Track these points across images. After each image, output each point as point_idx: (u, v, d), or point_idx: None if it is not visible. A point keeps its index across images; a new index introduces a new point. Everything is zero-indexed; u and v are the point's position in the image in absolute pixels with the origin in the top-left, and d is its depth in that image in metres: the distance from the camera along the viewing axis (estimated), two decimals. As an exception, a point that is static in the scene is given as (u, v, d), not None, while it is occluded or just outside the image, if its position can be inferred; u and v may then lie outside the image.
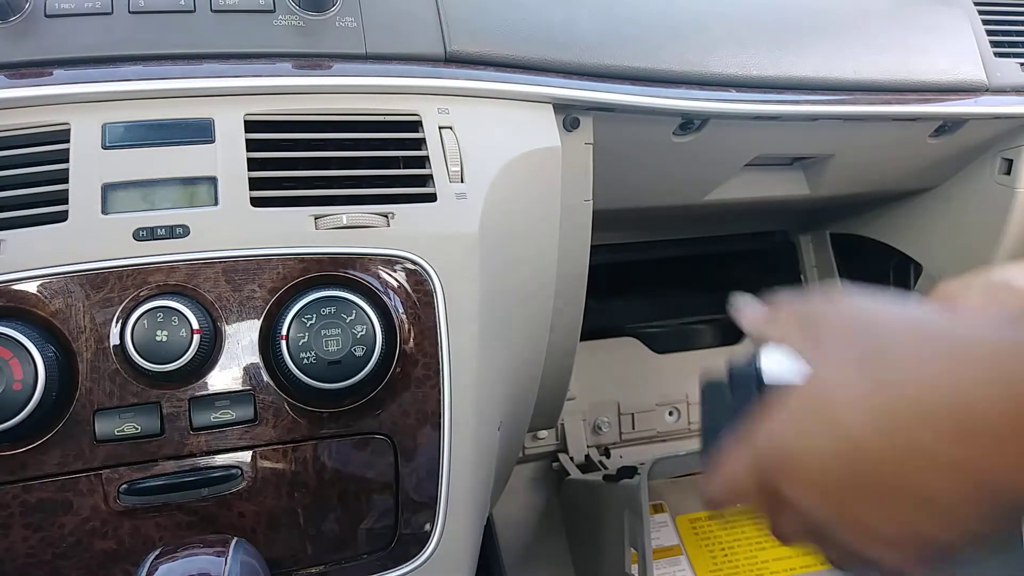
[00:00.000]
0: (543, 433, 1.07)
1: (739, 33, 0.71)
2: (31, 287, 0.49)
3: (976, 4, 0.82)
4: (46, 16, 0.56)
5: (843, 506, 0.34)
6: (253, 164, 0.54)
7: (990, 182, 0.89)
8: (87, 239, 0.50)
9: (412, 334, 0.54)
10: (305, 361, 0.50)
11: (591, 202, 0.69)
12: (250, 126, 0.55)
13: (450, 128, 0.59)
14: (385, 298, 0.53)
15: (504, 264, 0.60)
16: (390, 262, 0.54)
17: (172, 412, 0.50)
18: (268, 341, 0.51)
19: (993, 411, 0.29)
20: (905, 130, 0.80)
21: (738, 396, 0.46)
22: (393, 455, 0.54)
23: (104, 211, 0.51)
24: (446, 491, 0.55)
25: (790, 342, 0.41)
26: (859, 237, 1.09)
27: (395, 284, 0.54)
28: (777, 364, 0.48)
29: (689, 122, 0.71)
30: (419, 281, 0.54)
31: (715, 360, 1.09)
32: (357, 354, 0.50)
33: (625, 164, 0.75)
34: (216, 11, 0.58)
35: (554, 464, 1.08)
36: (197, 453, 0.51)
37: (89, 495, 0.49)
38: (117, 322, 0.49)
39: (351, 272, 0.53)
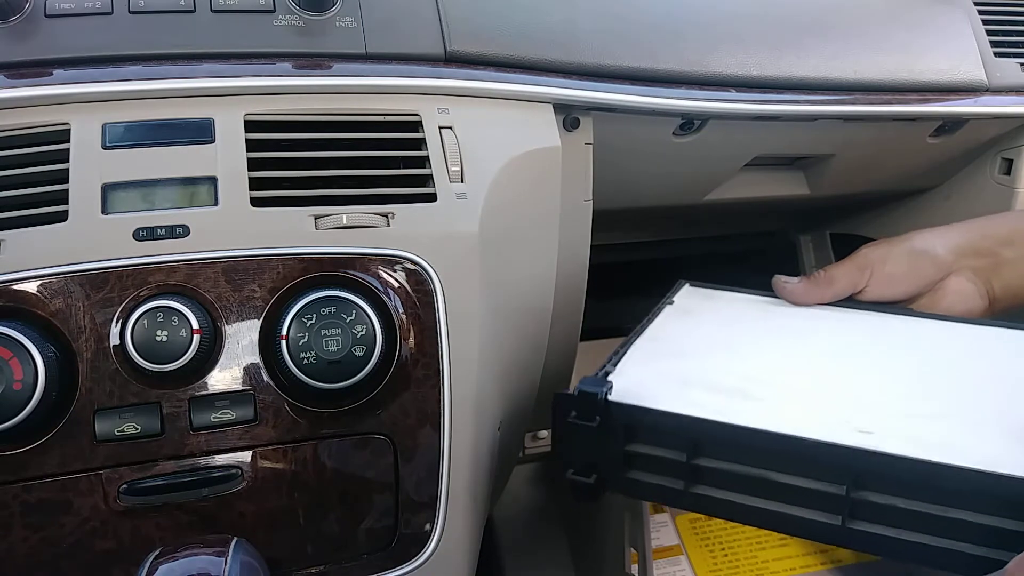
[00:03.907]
0: (543, 433, 1.07)
1: (739, 33, 0.71)
2: (31, 287, 0.49)
3: (976, 4, 0.82)
4: (46, 16, 0.56)
5: None
6: (253, 164, 0.54)
7: (990, 182, 0.89)
8: (87, 239, 0.50)
9: (412, 334, 0.54)
10: (305, 361, 0.50)
11: (591, 202, 0.69)
12: (250, 126, 0.55)
13: (450, 128, 0.59)
14: (385, 298, 0.53)
15: (504, 264, 0.60)
16: (390, 262, 0.54)
17: (172, 412, 0.50)
18: (268, 341, 0.51)
19: None
20: (905, 130, 0.80)
21: (584, 412, 0.52)
22: (393, 455, 0.54)
23: (104, 211, 0.51)
24: (446, 491, 0.55)
25: None
26: (859, 237, 1.09)
27: (395, 284, 0.54)
28: (627, 384, 0.53)
29: (689, 122, 0.71)
30: (419, 281, 0.54)
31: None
32: (357, 354, 0.50)
33: (625, 164, 0.75)
34: (216, 11, 0.58)
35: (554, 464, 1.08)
36: (197, 453, 0.51)
37: (89, 495, 0.49)
38: (117, 322, 0.49)
39: (351, 272, 0.53)
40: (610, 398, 0.51)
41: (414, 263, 0.54)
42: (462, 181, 0.57)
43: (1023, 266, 0.64)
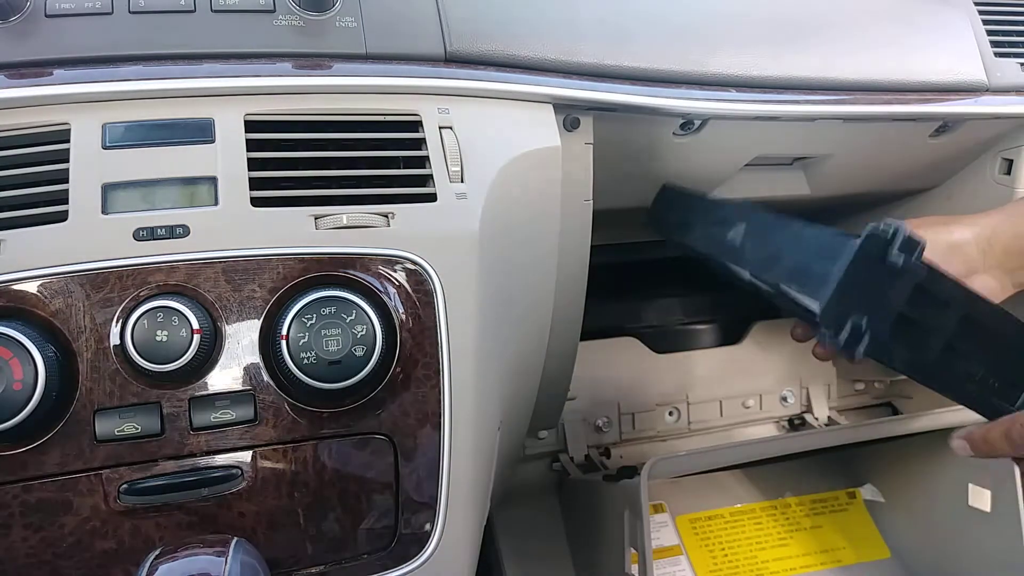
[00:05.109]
0: (543, 433, 1.07)
1: (739, 33, 0.71)
2: (31, 287, 0.49)
3: (976, 4, 0.83)
4: (46, 16, 0.56)
5: None
6: (253, 164, 0.54)
7: (990, 182, 0.89)
8: (87, 239, 0.50)
9: (412, 334, 0.54)
10: (305, 361, 0.50)
11: (591, 202, 0.69)
12: (250, 126, 0.55)
13: (450, 128, 0.59)
14: (385, 298, 0.53)
15: (504, 264, 0.60)
16: (390, 262, 0.54)
17: (172, 412, 0.50)
18: (268, 341, 0.51)
19: None
20: (905, 130, 0.80)
21: (907, 256, 0.48)
22: (393, 455, 0.54)
23: (104, 211, 0.51)
24: (446, 491, 0.55)
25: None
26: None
27: (395, 284, 0.54)
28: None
29: (689, 122, 0.71)
30: (419, 281, 0.54)
31: (715, 360, 1.10)
32: (357, 354, 0.50)
33: (625, 164, 0.75)
34: (216, 11, 0.58)
35: (554, 464, 1.08)
36: (197, 453, 0.51)
37: (89, 495, 0.49)
38: (117, 322, 0.49)
39: (351, 272, 0.53)
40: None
41: (414, 263, 0.54)
42: (462, 181, 0.57)
43: None
